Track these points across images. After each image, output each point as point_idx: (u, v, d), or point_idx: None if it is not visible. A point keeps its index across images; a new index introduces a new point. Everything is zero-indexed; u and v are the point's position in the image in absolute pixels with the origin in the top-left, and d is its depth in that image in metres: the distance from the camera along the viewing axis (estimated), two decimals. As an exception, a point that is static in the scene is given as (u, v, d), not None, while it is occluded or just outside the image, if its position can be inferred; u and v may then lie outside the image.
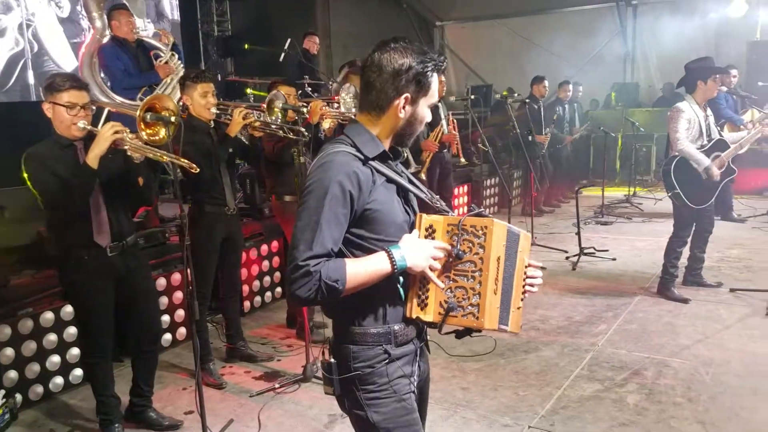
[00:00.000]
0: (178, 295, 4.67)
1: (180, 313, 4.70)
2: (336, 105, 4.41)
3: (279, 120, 4.06)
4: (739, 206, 8.33)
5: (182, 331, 4.72)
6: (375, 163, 1.80)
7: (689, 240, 5.34)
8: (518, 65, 13.12)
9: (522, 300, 1.91)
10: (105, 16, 5.11)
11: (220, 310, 4.61)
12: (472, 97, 8.31)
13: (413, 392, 1.91)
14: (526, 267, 1.90)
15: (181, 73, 5.46)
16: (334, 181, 1.71)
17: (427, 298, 1.80)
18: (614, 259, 6.59)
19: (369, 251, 1.79)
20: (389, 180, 1.83)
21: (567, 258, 6.66)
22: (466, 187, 8.92)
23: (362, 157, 1.78)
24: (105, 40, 5.08)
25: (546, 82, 9.21)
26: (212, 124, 4.07)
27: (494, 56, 13.84)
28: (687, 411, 3.47)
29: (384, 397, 1.84)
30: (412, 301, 1.82)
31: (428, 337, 2.00)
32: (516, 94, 8.55)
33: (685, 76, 5.08)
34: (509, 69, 13.31)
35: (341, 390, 1.88)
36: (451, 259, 1.78)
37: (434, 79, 1.81)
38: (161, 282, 4.54)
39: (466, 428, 3.40)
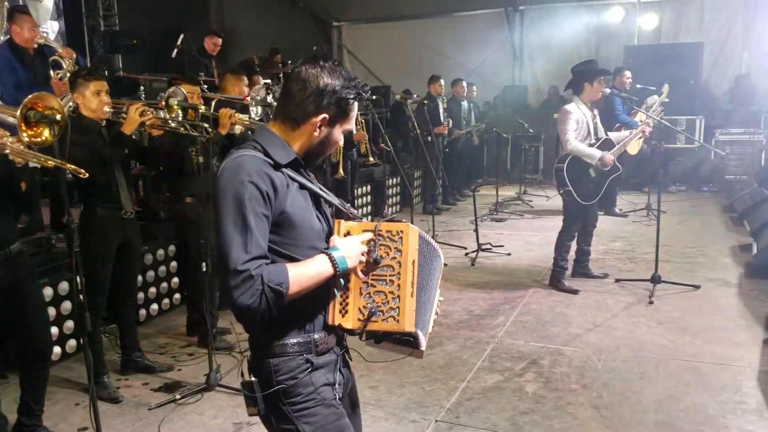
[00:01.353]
0: (67, 306, 4.37)
1: (69, 325, 4.40)
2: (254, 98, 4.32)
3: (179, 117, 3.91)
4: (620, 201, 8.90)
5: (72, 343, 4.43)
6: (287, 170, 1.75)
7: (576, 234, 5.65)
8: (414, 67, 13.36)
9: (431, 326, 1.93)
10: (5, 12, 4.72)
11: (114, 319, 4.38)
12: (373, 97, 8.38)
13: (339, 399, 1.87)
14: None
15: None
16: (247, 182, 1.64)
17: (347, 304, 1.78)
18: (509, 254, 6.86)
19: (287, 259, 1.73)
20: (302, 187, 1.78)
21: (466, 254, 6.85)
22: (368, 187, 8.98)
23: (273, 163, 1.72)
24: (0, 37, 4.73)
25: (442, 81, 9.46)
26: (104, 123, 3.86)
27: (391, 58, 14.04)
28: (582, 397, 3.66)
29: (312, 406, 1.78)
30: (333, 308, 1.78)
31: (347, 345, 1.98)
32: (415, 95, 8.70)
33: (572, 78, 5.36)
34: (405, 71, 13.53)
35: (266, 407, 1.80)
36: (368, 265, 1.77)
37: (354, 107, 1.80)
38: (48, 292, 4.24)
39: (376, 427, 3.41)
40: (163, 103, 3.89)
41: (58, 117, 2.87)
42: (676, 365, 4.02)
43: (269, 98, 4.47)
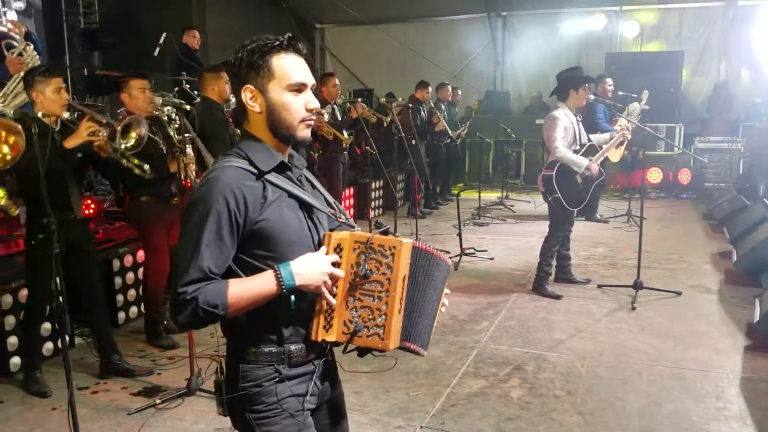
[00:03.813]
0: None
1: (47, 326, 4.28)
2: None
3: (130, 143, 3.82)
4: (600, 207, 8.96)
5: (49, 346, 4.32)
6: (272, 177, 1.70)
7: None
8: (396, 70, 13.44)
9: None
10: None
11: (87, 323, 4.30)
12: (359, 99, 8.35)
13: (307, 410, 1.82)
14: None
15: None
16: (217, 200, 1.62)
17: (332, 318, 1.73)
18: (492, 259, 6.86)
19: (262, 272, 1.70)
20: (290, 195, 1.73)
21: (449, 258, 6.82)
22: (352, 190, 8.96)
23: (256, 171, 1.68)
24: None
25: (430, 88, 9.44)
26: (57, 128, 3.77)
27: (373, 61, 14.05)
28: (567, 403, 3.66)
29: (273, 416, 1.76)
30: (318, 323, 1.74)
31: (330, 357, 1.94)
32: (400, 98, 8.68)
33: (558, 85, 5.37)
34: (388, 74, 13.59)
35: (231, 410, 1.80)
36: (357, 279, 1.72)
37: (278, 60, 1.69)
38: (24, 293, 4.14)
39: (360, 433, 3.38)
40: (119, 128, 3.80)
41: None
42: (659, 371, 4.04)
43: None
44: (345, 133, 7.23)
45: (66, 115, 3.77)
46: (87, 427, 3.40)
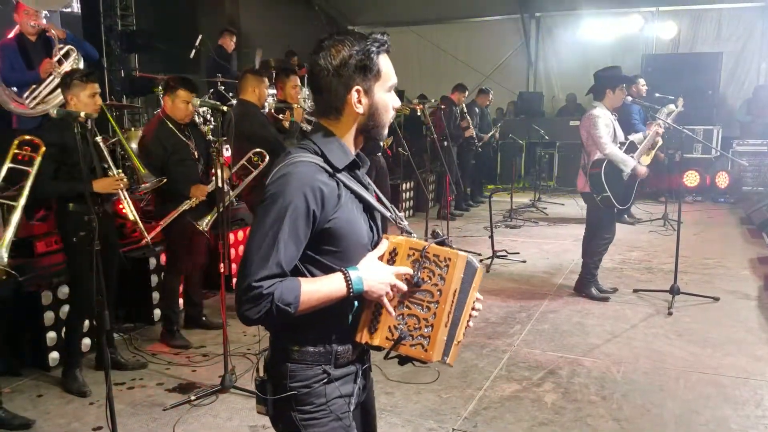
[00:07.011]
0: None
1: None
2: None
3: None
4: (636, 211, 8.82)
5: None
6: (342, 176, 1.68)
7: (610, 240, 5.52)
8: (428, 72, 13.43)
9: (463, 334, 1.83)
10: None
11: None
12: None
13: (351, 411, 1.82)
14: (474, 302, 1.83)
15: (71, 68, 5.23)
16: (296, 196, 1.59)
17: (378, 323, 1.71)
18: (524, 261, 6.80)
19: (327, 269, 1.68)
20: (356, 196, 1.71)
21: (481, 261, 6.79)
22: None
23: (330, 169, 1.65)
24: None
25: (467, 92, 9.41)
26: (89, 126, 3.83)
27: (405, 62, 14.00)
28: (602, 409, 3.61)
29: (321, 417, 1.74)
30: (363, 327, 1.72)
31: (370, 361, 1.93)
32: (433, 100, 8.67)
33: (595, 83, 5.28)
34: (419, 75, 13.57)
35: (275, 409, 1.77)
36: (408, 286, 1.69)
37: (383, 61, 1.70)
38: (65, 290, 4.23)
39: (392, 434, 3.38)
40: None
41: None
42: (697, 378, 3.96)
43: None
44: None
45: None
46: (123, 422, 3.45)
